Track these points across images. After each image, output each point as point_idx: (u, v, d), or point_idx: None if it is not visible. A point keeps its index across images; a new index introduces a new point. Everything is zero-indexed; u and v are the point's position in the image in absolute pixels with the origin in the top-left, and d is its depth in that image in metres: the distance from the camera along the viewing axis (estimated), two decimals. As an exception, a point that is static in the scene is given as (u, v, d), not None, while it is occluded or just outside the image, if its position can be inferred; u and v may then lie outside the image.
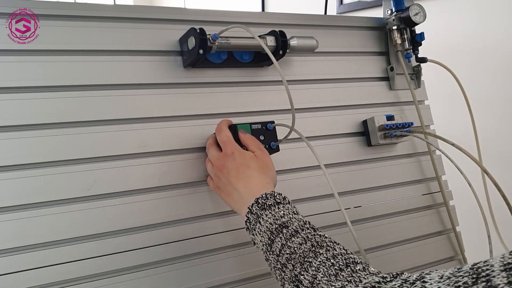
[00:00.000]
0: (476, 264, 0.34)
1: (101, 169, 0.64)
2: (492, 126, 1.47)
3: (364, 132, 0.86)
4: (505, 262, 0.32)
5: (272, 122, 0.69)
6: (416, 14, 0.85)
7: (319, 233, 0.52)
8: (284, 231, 0.52)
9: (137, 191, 0.66)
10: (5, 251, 0.58)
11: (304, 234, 0.51)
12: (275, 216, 0.54)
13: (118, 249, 0.64)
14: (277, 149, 0.69)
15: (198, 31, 0.65)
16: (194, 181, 0.69)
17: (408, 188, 0.89)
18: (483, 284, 0.32)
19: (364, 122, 0.86)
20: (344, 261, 0.46)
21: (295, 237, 0.50)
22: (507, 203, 0.76)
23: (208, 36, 0.65)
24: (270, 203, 0.55)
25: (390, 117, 0.85)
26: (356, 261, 0.46)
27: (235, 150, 0.61)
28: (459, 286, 0.34)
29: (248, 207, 0.56)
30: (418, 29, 0.90)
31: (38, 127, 0.61)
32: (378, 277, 0.42)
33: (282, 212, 0.54)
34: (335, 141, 0.83)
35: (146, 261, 0.65)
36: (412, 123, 0.86)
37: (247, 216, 0.56)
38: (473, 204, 0.86)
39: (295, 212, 0.55)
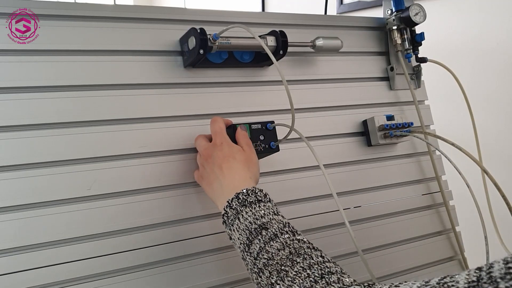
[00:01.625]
0: (443, 278, 0.34)
1: (101, 169, 0.64)
2: (492, 126, 1.47)
3: (364, 132, 0.86)
4: (469, 280, 0.32)
5: (272, 122, 0.69)
6: (416, 14, 0.85)
7: (297, 237, 0.51)
8: (264, 233, 0.51)
9: (137, 191, 0.66)
10: (5, 251, 0.58)
11: (283, 238, 0.51)
12: (255, 215, 0.53)
13: (118, 249, 0.64)
14: (277, 149, 0.69)
15: (198, 31, 0.65)
16: (194, 181, 0.69)
17: (408, 188, 0.89)
18: None
19: (364, 122, 0.86)
20: (319, 271, 0.46)
21: (274, 241, 0.50)
22: (507, 203, 0.76)
23: (208, 36, 0.65)
24: (251, 200, 0.55)
25: (390, 117, 0.85)
26: (331, 271, 0.46)
27: (224, 141, 0.61)
28: None
29: (228, 201, 0.56)
30: (418, 29, 0.90)
31: (38, 127, 0.61)
32: None
33: (263, 211, 0.54)
34: (335, 141, 0.83)
35: (146, 261, 0.65)
36: (412, 123, 0.86)
37: (225, 210, 0.56)
38: (473, 204, 0.86)
39: (275, 213, 0.55)
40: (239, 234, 0.54)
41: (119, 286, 0.63)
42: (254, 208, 0.54)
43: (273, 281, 0.47)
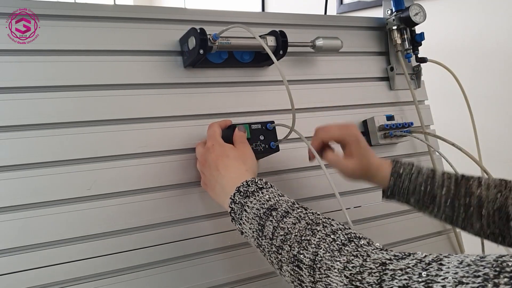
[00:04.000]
0: (501, 256, 0.32)
1: (101, 169, 0.64)
2: (492, 126, 1.47)
3: (364, 132, 0.86)
4: None
5: (272, 122, 0.69)
6: (416, 14, 0.85)
7: (311, 211, 0.50)
8: (274, 213, 0.50)
9: (137, 191, 0.66)
10: (5, 251, 0.58)
11: (295, 213, 0.49)
12: (260, 201, 0.52)
13: (118, 249, 0.64)
14: (277, 149, 0.69)
15: (198, 31, 0.65)
16: (194, 181, 0.69)
17: (408, 188, 0.89)
18: (506, 280, 0.30)
19: (364, 122, 0.86)
20: (345, 235, 0.43)
21: (287, 218, 0.48)
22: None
23: (208, 36, 0.65)
24: (252, 190, 0.54)
25: (390, 117, 0.85)
26: (358, 236, 0.43)
27: (215, 143, 0.61)
28: (479, 276, 0.31)
29: (230, 197, 0.55)
30: (418, 29, 0.90)
31: (38, 127, 0.61)
32: (389, 254, 0.39)
33: (267, 196, 0.52)
34: (335, 141, 0.83)
35: (146, 261, 0.65)
36: (412, 123, 0.86)
37: (230, 207, 0.55)
38: (473, 204, 0.85)
39: (281, 194, 0.54)
40: (250, 224, 0.52)
41: (119, 286, 0.63)
42: (258, 195, 0.53)
43: (295, 253, 0.44)
